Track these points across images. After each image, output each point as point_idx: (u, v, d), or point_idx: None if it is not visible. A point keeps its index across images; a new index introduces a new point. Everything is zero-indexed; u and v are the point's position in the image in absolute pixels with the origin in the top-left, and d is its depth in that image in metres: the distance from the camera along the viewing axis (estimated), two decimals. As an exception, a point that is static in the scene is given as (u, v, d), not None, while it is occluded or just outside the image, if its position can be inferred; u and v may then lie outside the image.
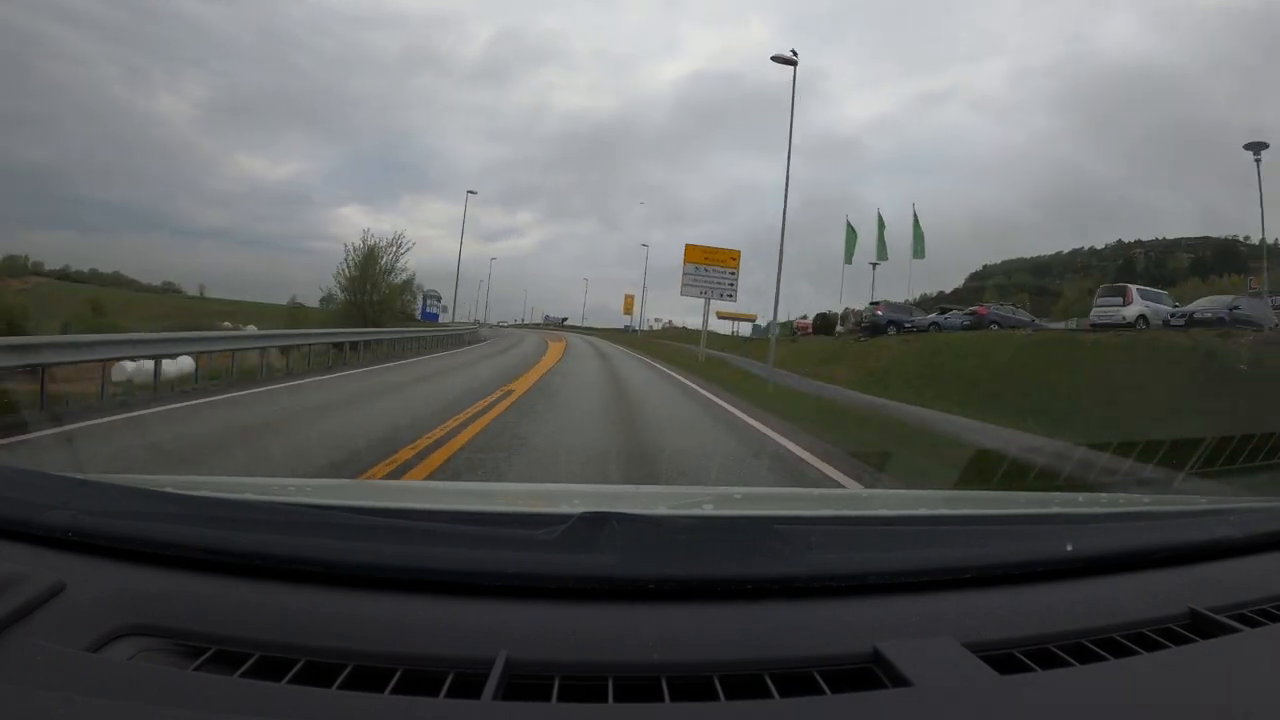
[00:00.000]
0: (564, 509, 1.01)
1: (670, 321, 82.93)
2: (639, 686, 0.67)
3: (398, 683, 0.65)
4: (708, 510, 1.29)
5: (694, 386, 13.61)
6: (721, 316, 72.85)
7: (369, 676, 0.66)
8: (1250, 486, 4.80)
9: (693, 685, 0.67)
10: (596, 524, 0.82)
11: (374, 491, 1.88)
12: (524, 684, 0.65)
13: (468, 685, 0.64)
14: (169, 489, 0.97)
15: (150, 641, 0.68)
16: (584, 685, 0.66)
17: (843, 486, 4.96)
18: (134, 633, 0.69)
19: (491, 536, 0.86)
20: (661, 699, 0.66)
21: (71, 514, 0.81)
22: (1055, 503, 1.72)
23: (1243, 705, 0.68)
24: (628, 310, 77.45)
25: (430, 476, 4.47)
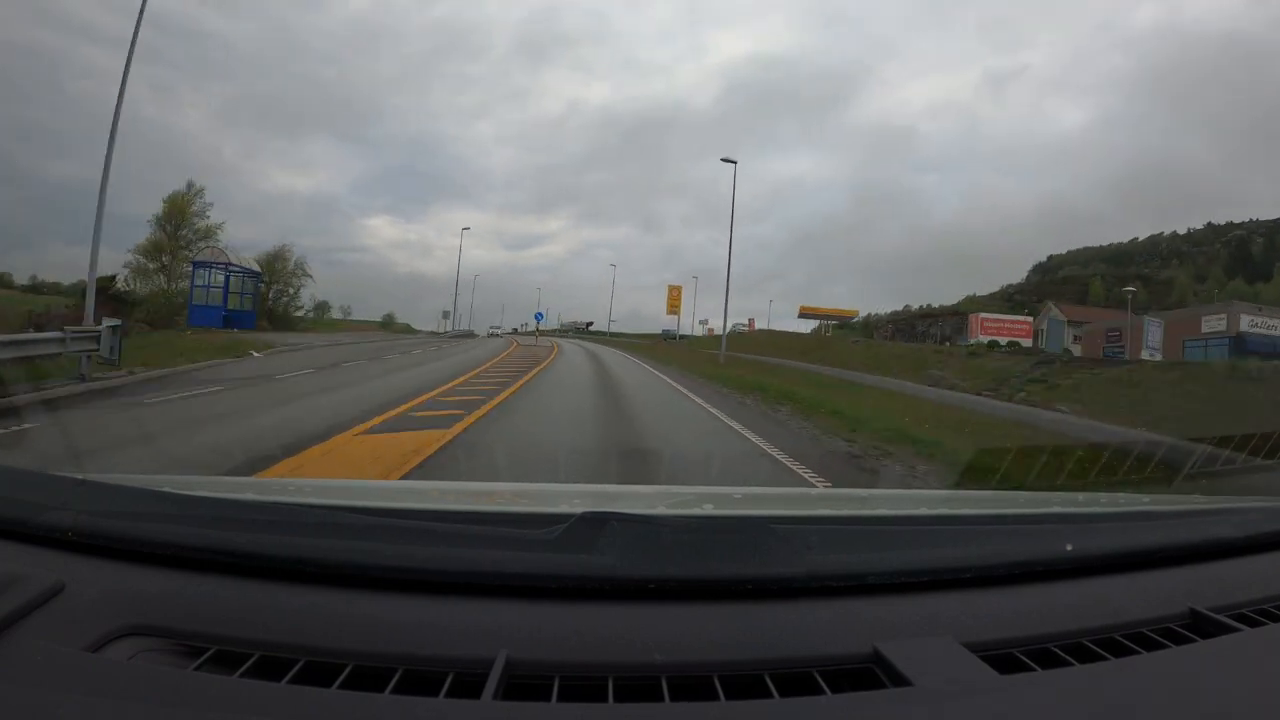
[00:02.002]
0: (564, 509, 1.01)
1: (750, 322, 62.29)
2: (639, 686, 0.67)
3: (398, 683, 0.65)
4: (708, 510, 1.29)
5: None
6: (805, 314, 55.75)
7: (369, 676, 0.66)
8: (1249, 486, 4.78)
9: (693, 685, 0.67)
10: (597, 524, 0.82)
11: (374, 492, 1.88)
12: (524, 684, 0.65)
13: (468, 685, 0.64)
14: (168, 489, 0.97)
15: (150, 641, 0.68)
16: (584, 685, 0.66)
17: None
18: (134, 633, 0.69)
19: (491, 536, 0.86)
20: (661, 699, 0.66)
21: (71, 514, 0.81)
22: (1055, 503, 1.72)
23: (1243, 705, 0.68)
24: (673, 308, 56.70)
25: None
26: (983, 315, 39.52)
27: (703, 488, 2.88)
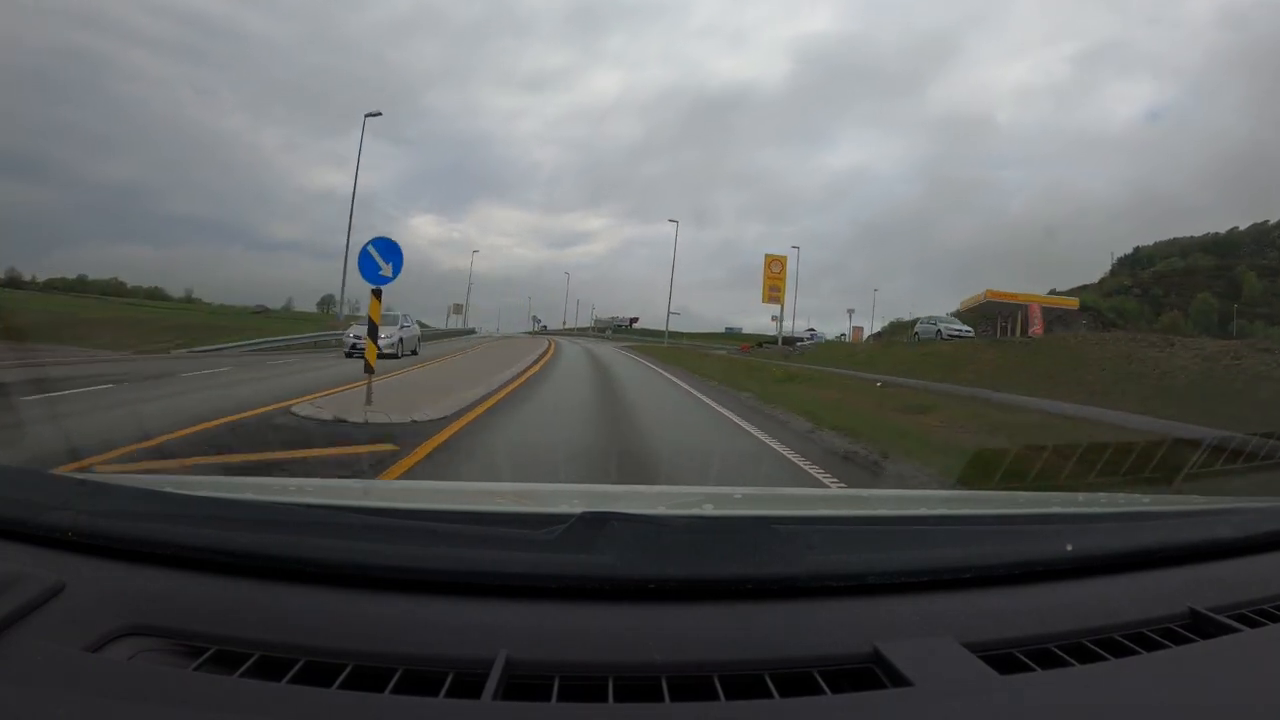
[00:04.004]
0: (564, 509, 1.01)
1: (1034, 312, 31.69)
2: (639, 686, 0.67)
3: (398, 683, 0.65)
4: (708, 510, 1.29)
5: None
6: (994, 300, 31.39)
7: (369, 676, 0.66)
8: (1249, 487, 4.77)
9: (693, 685, 0.67)
10: (597, 524, 0.82)
11: (374, 491, 1.88)
12: (524, 684, 0.65)
13: (468, 685, 0.64)
14: (169, 489, 0.97)
15: (150, 641, 0.68)
16: (584, 685, 0.66)
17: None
18: (134, 633, 0.69)
19: (492, 536, 0.86)
20: (662, 699, 0.66)
21: (71, 514, 0.81)
22: (1055, 503, 1.72)
23: (1243, 705, 0.68)
24: (771, 293, 36.92)
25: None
26: None
27: (703, 488, 2.88)
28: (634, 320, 61.90)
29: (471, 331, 55.09)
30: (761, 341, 42.85)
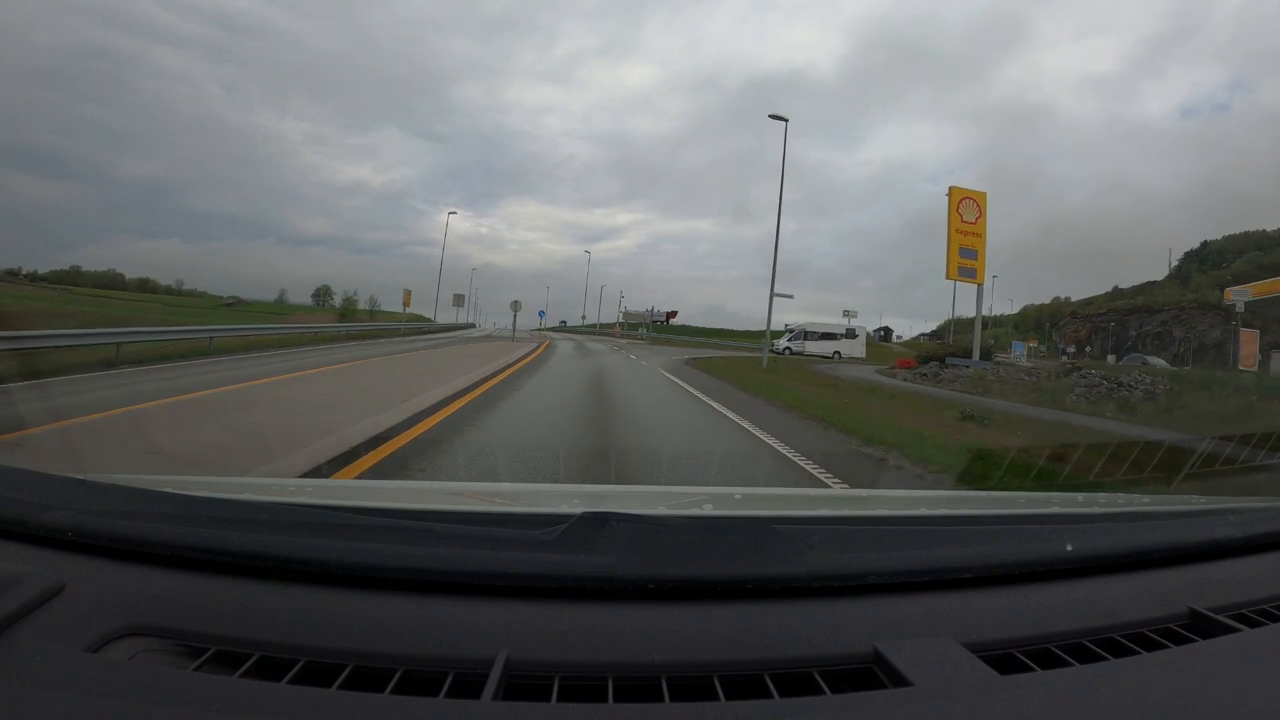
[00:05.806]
0: (564, 509, 1.01)
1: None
2: (639, 686, 0.67)
3: (398, 683, 0.65)
4: (708, 510, 1.29)
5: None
6: (1262, 297, 21.15)
7: (369, 676, 0.66)
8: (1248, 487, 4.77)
9: (693, 685, 0.67)
10: (597, 524, 0.82)
11: (374, 492, 1.88)
12: (524, 684, 0.65)
13: (468, 685, 0.64)
14: (168, 489, 0.97)
15: (150, 641, 0.68)
16: (584, 685, 0.66)
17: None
18: (134, 633, 0.69)
19: (491, 536, 0.86)
20: (661, 699, 0.66)
21: (71, 514, 0.81)
22: (1055, 503, 1.72)
23: (1243, 705, 0.68)
24: (961, 262, 21.92)
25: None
26: None
27: (703, 488, 2.88)
28: (671, 315, 52.27)
29: (470, 327, 50.73)
30: (942, 354, 23.97)
